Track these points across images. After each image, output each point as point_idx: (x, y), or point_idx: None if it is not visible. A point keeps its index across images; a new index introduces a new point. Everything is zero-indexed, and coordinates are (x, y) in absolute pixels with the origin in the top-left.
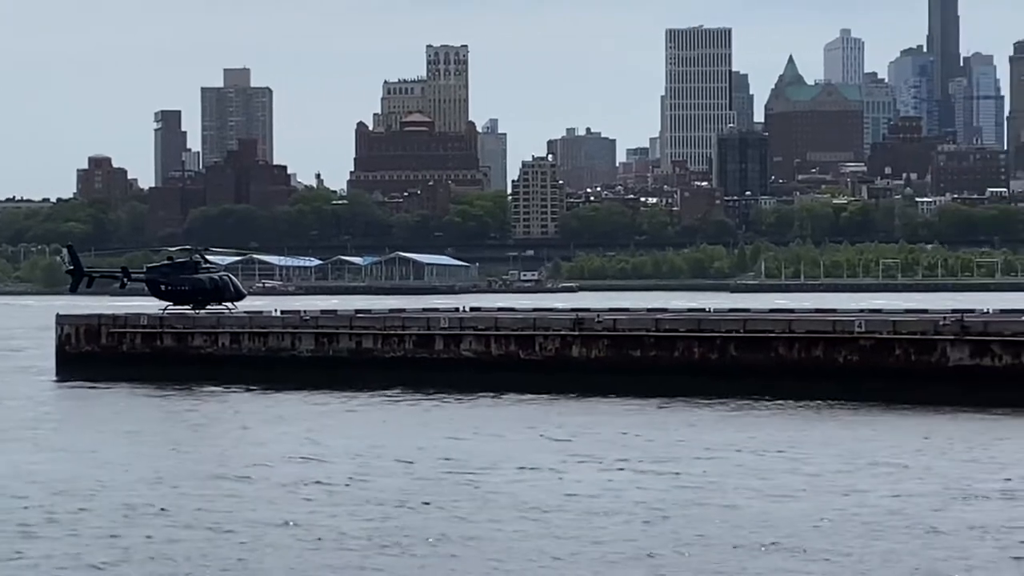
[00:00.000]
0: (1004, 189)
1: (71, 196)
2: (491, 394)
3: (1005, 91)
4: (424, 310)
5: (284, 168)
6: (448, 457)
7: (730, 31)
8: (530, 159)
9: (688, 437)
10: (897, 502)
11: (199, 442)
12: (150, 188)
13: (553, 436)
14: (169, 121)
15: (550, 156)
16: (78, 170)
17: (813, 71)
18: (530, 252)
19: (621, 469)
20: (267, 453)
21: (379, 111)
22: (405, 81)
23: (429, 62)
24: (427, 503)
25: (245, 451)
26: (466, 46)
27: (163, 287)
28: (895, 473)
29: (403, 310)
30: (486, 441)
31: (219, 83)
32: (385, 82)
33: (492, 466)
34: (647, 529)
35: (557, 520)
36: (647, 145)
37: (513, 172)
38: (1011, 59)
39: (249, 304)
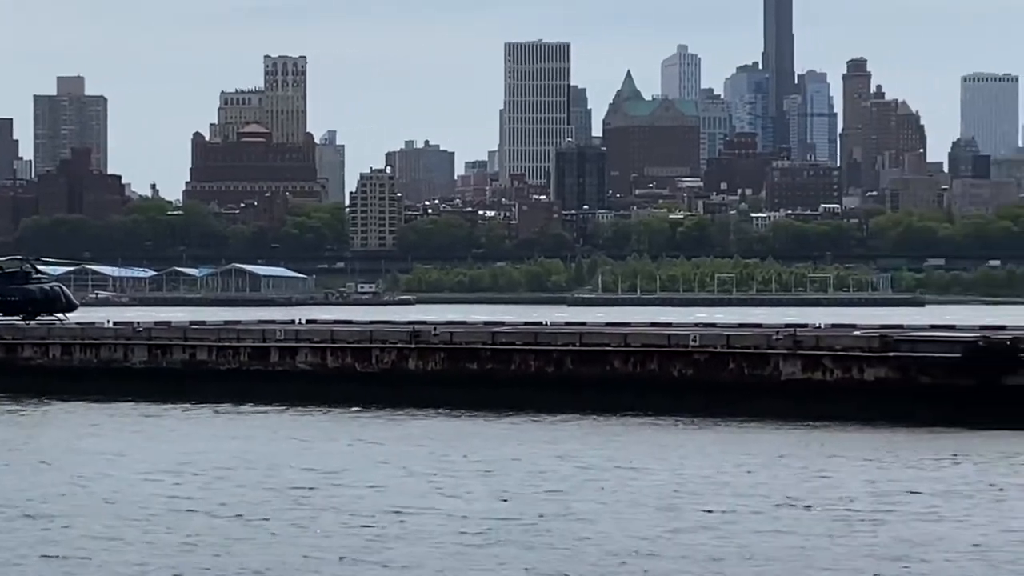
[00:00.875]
0: (837, 205)
1: None
2: (325, 407)
3: (838, 108)
4: (260, 322)
5: (119, 178)
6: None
7: (569, 46)
8: (368, 171)
9: (498, 450)
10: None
11: None
12: None
13: (367, 448)
14: (0, 129)
15: (388, 168)
16: None
17: (651, 86)
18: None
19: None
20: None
21: (216, 121)
22: (242, 92)
23: (267, 73)
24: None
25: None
26: (304, 57)
27: None
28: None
29: (238, 322)
30: (300, 452)
31: (52, 91)
32: (222, 92)
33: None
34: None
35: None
36: (486, 158)
37: (351, 184)
38: (844, 77)
39: (82, 315)
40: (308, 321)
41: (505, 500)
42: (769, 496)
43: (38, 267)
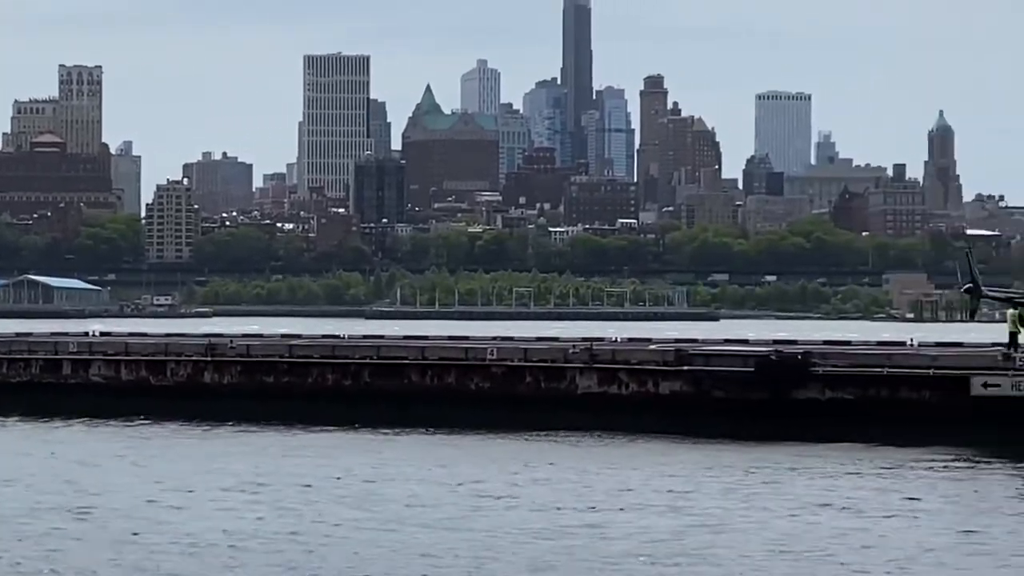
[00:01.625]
0: (634, 220)
1: None
2: (123, 420)
3: (636, 124)
4: (52, 334)
5: None
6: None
7: (368, 59)
8: (165, 182)
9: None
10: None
11: None
12: None
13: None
14: None
15: (185, 180)
16: None
17: (450, 101)
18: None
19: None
20: None
21: (8, 131)
22: (36, 101)
23: (61, 82)
24: None
25: None
26: (100, 67)
27: None
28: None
29: (30, 334)
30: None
31: None
32: (15, 101)
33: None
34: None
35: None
36: (284, 171)
37: (147, 195)
38: (642, 93)
39: None
40: (102, 333)
41: (261, 517)
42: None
43: None
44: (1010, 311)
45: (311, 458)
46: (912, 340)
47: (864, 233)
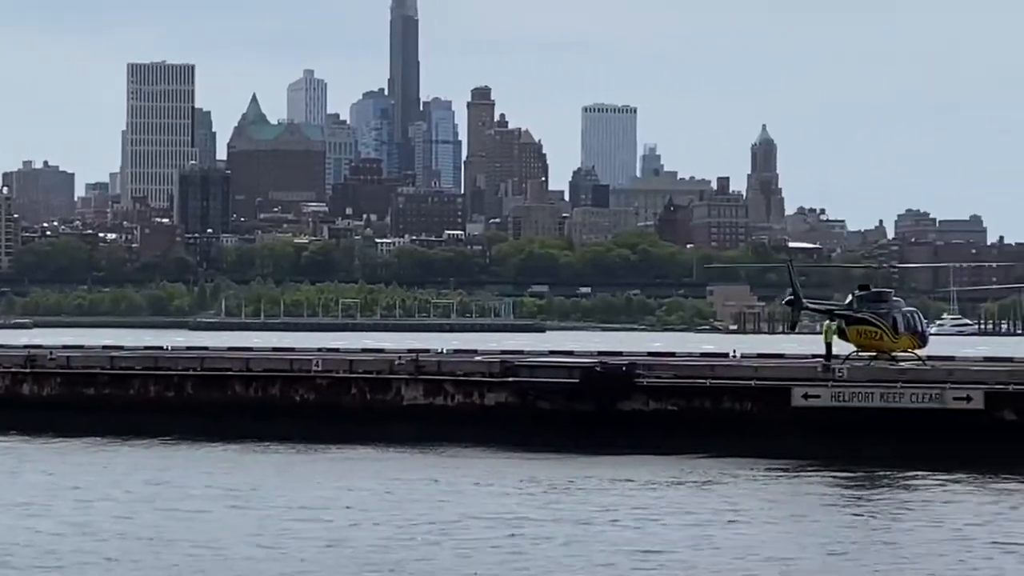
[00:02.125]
0: (461, 232)
1: None
2: None
3: (463, 135)
4: None
5: None
6: None
7: (193, 67)
8: None
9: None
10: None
11: None
12: None
13: None
14: None
15: (5, 189)
16: None
17: (276, 110)
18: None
19: None
20: None
21: None
22: None
23: None
24: None
25: None
26: None
27: None
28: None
29: None
30: None
31: None
32: None
33: None
34: None
35: None
36: (107, 180)
37: None
38: (469, 104)
39: None
40: None
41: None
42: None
43: None
44: (826, 322)
45: (109, 468)
46: (735, 352)
47: (688, 245)
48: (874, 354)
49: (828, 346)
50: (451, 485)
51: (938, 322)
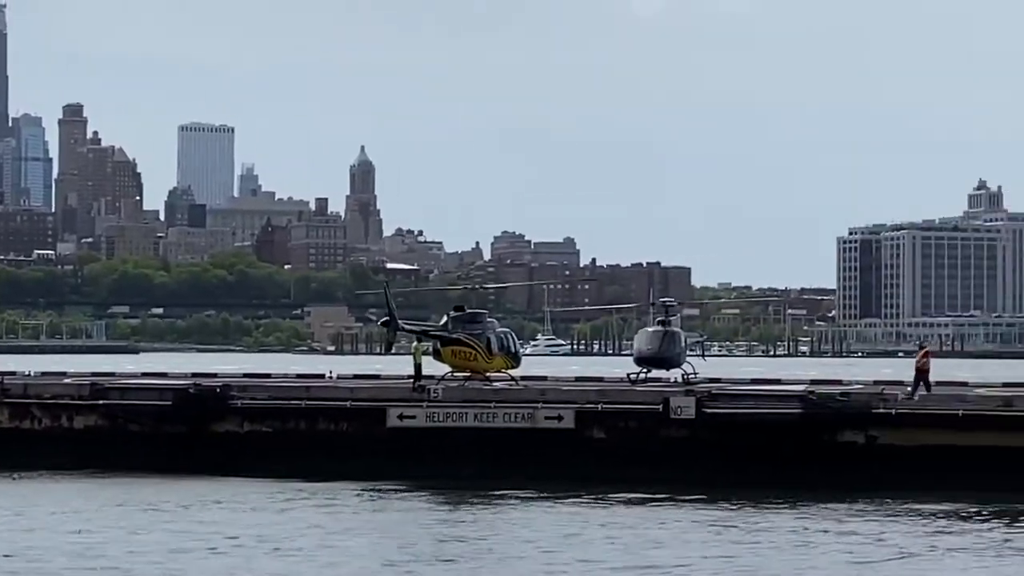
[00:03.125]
0: (52, 251)
1: None
2: None
3: (54, 153)
4: None
5: None
6: None
7: None
8: None
9: None
10: None
11: None
12: None
13: None
14: None
15: None
16: None
17: None
18: None
19: None
20: None
21: None
22: None
23: None
24: None
25: None
26: None
27: None
28: None
29: None
30: None
31: None
32: None
33: None
34: None
35: None
36: None
37: None
38: (60, 122)
39: None
40: None
41: None
42: None
43: None
44: (415, 343)
45: None
46: (331, 373)
47: (287, 266)
48: (469, 374)
49: (417, 367)
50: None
51: (532, 342)
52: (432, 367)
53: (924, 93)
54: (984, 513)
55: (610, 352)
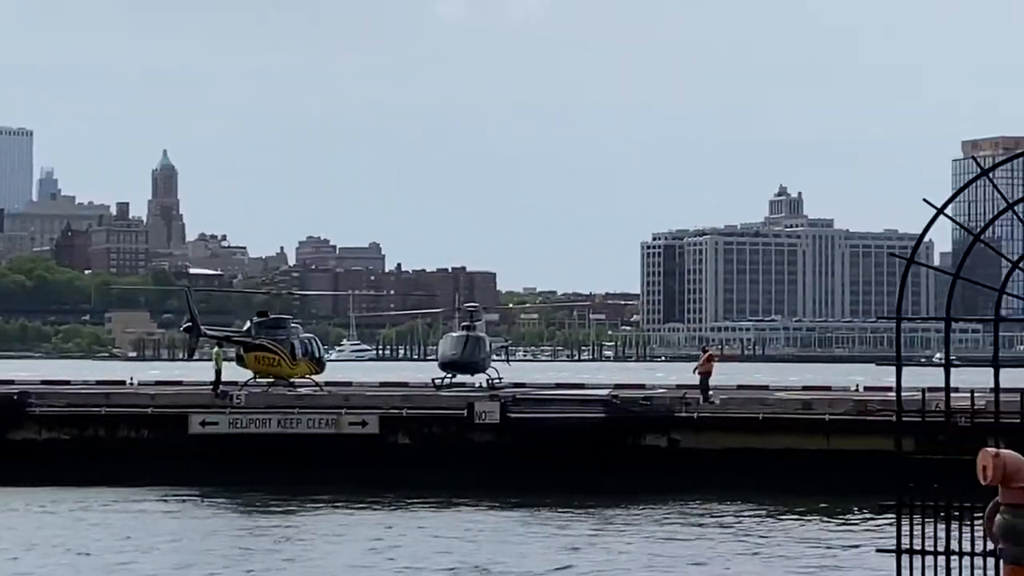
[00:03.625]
0: None
1: None
2: None
3: None
4: None
5: None
6: None
7: None
8: None
9: None
10: None
11: None
12: None
13: None
14: None
15: None
16: None
17: None
18: None
19: None
20: None
21: None
22: None
23: None
24: None
25: None
26: None
27: None
28: None
29: None
30: None
31: None
32: None
33: None
34: None
35: None
36: None
37: None
38: None
39: None
40: None
41: None
42: None
43: None
44: (215, 349)
45: None
46: (132, 379)
47: (87, 271)
48: (272, 380)
49: (217, 372)
50: None
51: (338, 348)
52: (236, 373)
53: (725, 98)
54: (775, 515)
55: (416, 357)
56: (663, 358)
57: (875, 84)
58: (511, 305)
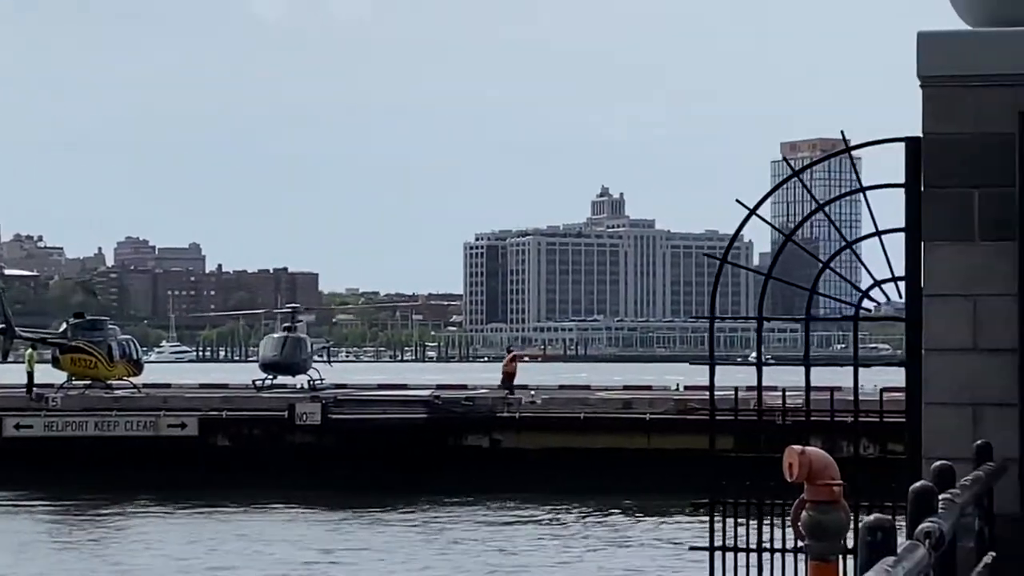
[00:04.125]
0: None
1: None
2: None
3: None
4: None
5: None
6: None
7: None
8: None
9: None
10: None
11: None
12: None
13: None
14: None
15: None
16: None
17: None
18: None
19: None
20: None
21: None
22: None
23: None
24: None
25: None
26: None
27: None
28: None
29: None
30: None
31: None
32: None
33: None
34: None
35: None
36: None
37: None
38: None
39: None
40: None
41: None
42: None
43: None
44: (28, 351)
45: None
46: None
47: None
48: (89, 382)
49: (30, 375)
50: None
51: (157, 349)
52: (52, 375)
53: (547, 98)
54: (595, 513)
55: (237, 359)
56: (486, 358)
57: (699, 84)
58: (333, 306)
